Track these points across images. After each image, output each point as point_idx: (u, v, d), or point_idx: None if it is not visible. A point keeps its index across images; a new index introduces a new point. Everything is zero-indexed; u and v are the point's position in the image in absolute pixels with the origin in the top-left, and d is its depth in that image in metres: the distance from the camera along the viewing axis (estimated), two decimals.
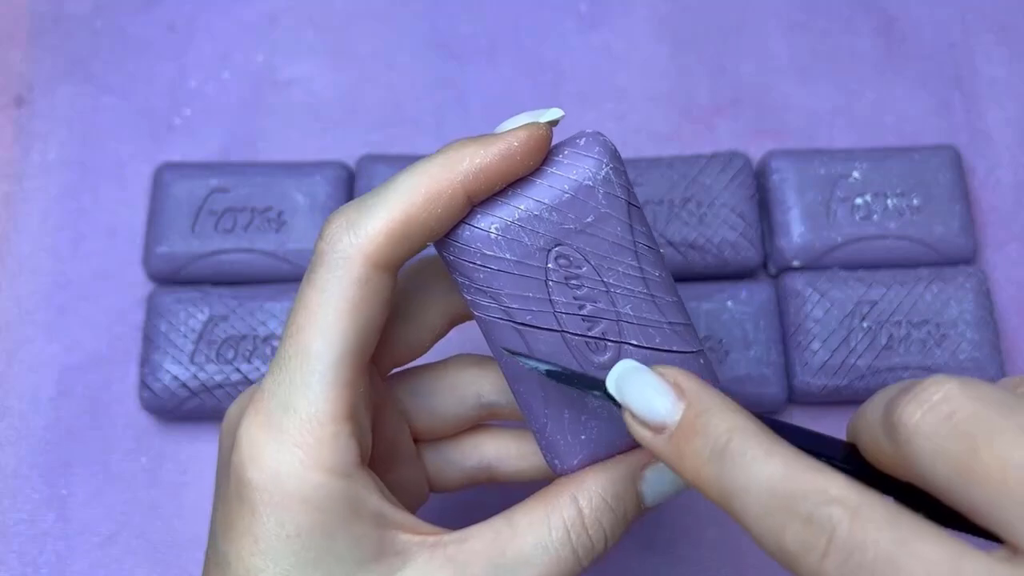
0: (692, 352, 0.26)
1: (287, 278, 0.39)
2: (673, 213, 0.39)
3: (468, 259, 0.25)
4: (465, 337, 0.32)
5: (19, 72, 0.44)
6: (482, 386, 0.29)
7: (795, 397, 0.38)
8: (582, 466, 0.27)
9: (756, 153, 0.42)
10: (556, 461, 0.27)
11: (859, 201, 0.39)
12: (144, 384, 0.38)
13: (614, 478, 0.26)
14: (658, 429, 0.23)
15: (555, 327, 0.26)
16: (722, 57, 0.44)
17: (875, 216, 0.39)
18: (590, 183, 0.25)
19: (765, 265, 0.40)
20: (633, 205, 0.26)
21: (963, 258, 0.39)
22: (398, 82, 0.44)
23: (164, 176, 0.40)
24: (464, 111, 0.43)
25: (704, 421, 0.22)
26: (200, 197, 0.40)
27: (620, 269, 0.26)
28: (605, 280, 0.25)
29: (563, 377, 0.25)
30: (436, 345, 0.30)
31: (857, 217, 0.39)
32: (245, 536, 0.24)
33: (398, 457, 0.29)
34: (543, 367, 0.25)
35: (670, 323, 0.26)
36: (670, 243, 0.39)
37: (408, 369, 0.30)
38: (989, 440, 0.19)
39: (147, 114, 0.43)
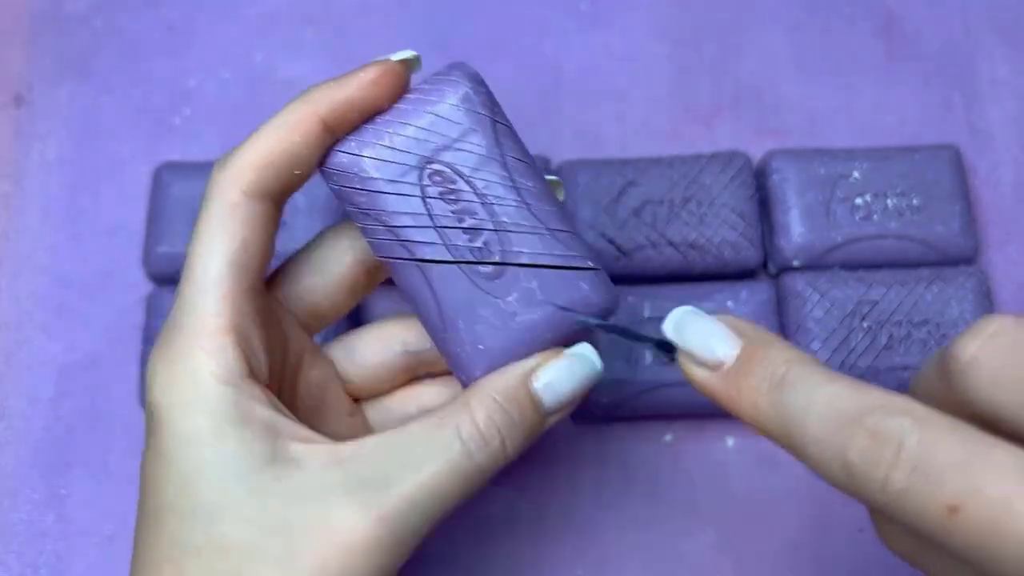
0: (577, 255, 0.27)
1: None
2: (673, 213, 0.39)
3: (347, 184, 0.27)
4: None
5: (19, 72, 0.44)
6: (406, 336, 0.31)
7: None
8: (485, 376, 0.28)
9: (756, 153, 0.42)
10: (462, 376, 0.28)
11: (859, 201, 0.39)
12: (144, 384, 0.38)
13: (506, 379, 0.27)
14: (715, 367, 0.24)
15: (437, 240, 0.27)
16: (722, 57, 0.44)
17: (875, 216, 0.39)
18: (452, 102, 0.27)
19: (765, 265, 0.40)
20: (499, 122, 0.28)
21: (963, 258, 0.39)
22: None
23: (164, 176, 0.40)
24: None
25: (763, 355, 0.23)
26: (200, 197, 0.40)
27: (491, 179, 0.27)
28: (479, 192, 0.27)
29: (614, 330, 0.27)
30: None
31: (857, 217, 0.39)
32: (151, 454, 0.26)
33: (330, 410, 0.31)
34: (594, 321, 0.27)
35: (549, 229, 0.27)
36: (670, 243, 0.39)
37: (342, 331, 0.33)
38: None
39: (147, 114, 0.43)
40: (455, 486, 0.25)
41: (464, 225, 0.27)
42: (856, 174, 0.40)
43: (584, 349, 0.28)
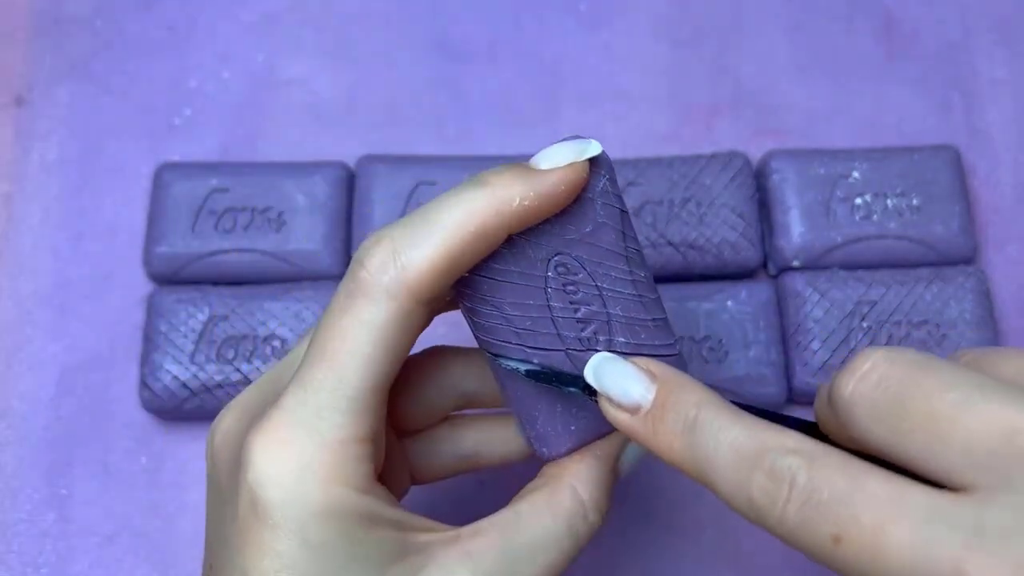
0: (670, 343, 0.28)
1: (287, 278, 0.39)
2: (673, 213, 0.39)
3: (476, 272, 0.26)
4: (441, 332, 0.32)
5: (19, 72, 0.44)
6: (462, 377, 0.30)
7: (795, 397, 0.38)
8: (569, 453, 0.28)
9: (756, 153, 0.42)
10: (544, 449, 0.28)
11: (859, 201, 0.39)
12: (144, 384, 0.38)
13: (603, 463, 0.28)
14: (633, 410, 0.25)
15: (551, 331, 0.27)
16: (722, 57, 0.44)
17: (875, 216, 0.39)
18: (590, 195, 0.26)
19: (765, 265, 0.40)
20: (624, 212, 0.27)
21: (963, 258, 0.39)
22: (398, 82, 0.44)
23: (164, 176, 0.40)
24: (464, 111, 0.43)
25: (675, 399, 0.24)
26: (200, 197, 0.40)
27: (613, 274, 0.27)
28: (599, 284, 0.27)
29: (542, 376, 0.26)
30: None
31: (857, 217, 0.39)
32: (267, 552, 0.24)
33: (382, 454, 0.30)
34: (523, 367, 0.26)
35: (653, 319, 0.27)
36: (670, 243, 0.39)
37: None
38: (914, 396, 0.21)
39: (147, 114, 0.43)
40: (565, 567, 0.27)
41: (578, 316, 0.27)
42: (856, 174, 0.40)
43: None
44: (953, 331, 0.37)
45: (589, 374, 0.26)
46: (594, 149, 0.26)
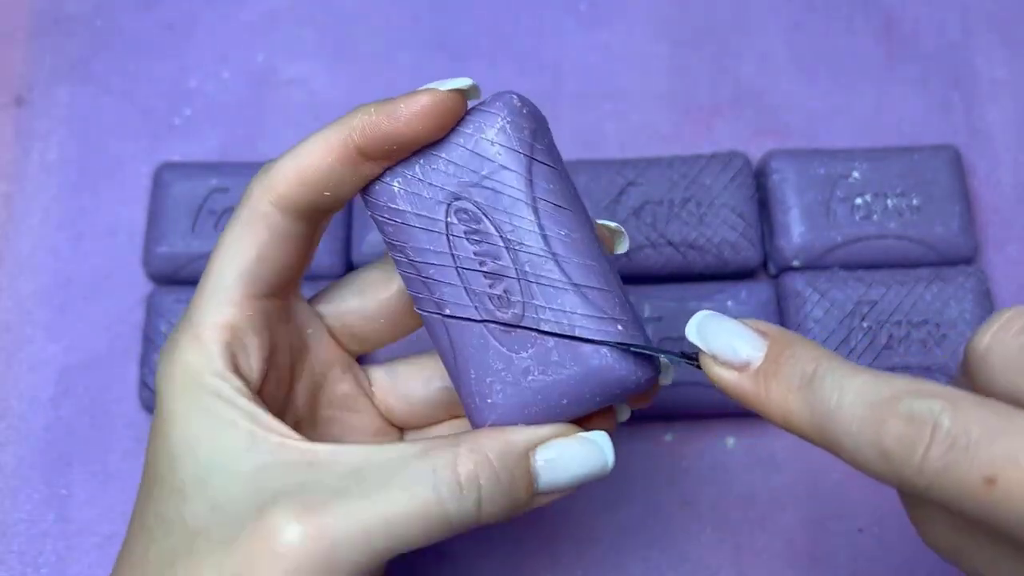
0: (602, 317, 0.25)
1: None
2: (673, 213, 0.39)
3: (380, 213, 0.27)
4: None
5: (19, 72, 0.44)
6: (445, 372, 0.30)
7: None
8: (491, 426, 0.26)
9: (756, 153, 0.42)
10: (470, 422, 0.27)
11: (859, 201, 0.39)
12: (144, 384, 0.38)
13: (508, 441, 0.25)
14: (741, 368, 0.24)
15: (456, 282, 0.26)
16: (722, 57, 0.44)
17: (875, 216, 0.39)
18: (485, 137, 0.26)
19: (765, 265, 0.40)
20: (538, 161, 0.25)
21: (963, 258, 0.39)
22: (398, 82, 0.44)
23: (164, 176, 0.40)
24: None
25: (789, 353, 0.23)
26: (200, 197, 0.40)
27: (518, 224, 0.25)
28: (504, 235, 0.25)
29: (640, 349, 0.25)
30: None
31: (857, 217, 0.39)
32: (152, 432, 0.27)
33: (353, 428, 0.31)
34: (613, 343, 0.25)
35: (575, 284, 0.25)
36: (670, 243, 0.39)
37: (392, 357, 0.32)
38: None
39: (147, 114, 0.43)
40: (414, 527, 0.24)
41: (485, 269, 0.25)
42: (856, 174, 0.40)
43: (599, 438, 0.26)
44: (953, 331, 0.37)
45: (692, 332, 0.24)
46: (460, 82, 0.26)
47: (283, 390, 0.29)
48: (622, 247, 0.29)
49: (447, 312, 0.26)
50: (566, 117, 0.43)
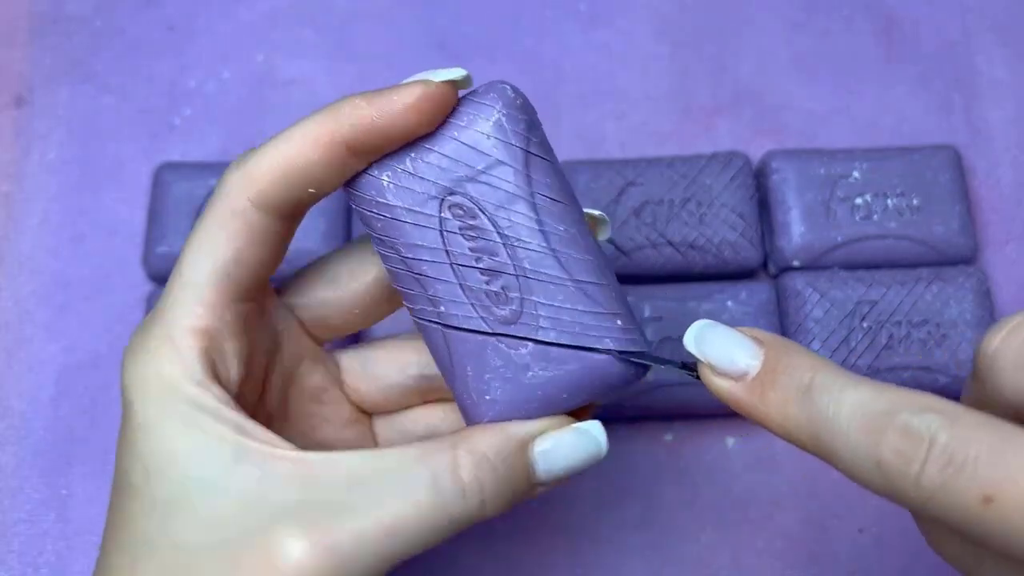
0: (602, 312, 0.25)
1: (286, 278, 0.39)
2: (673, 213, 0.39)
3: (367, 208, 0.25)
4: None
5: (19, 72, 0.44)
6: (423, 357, 0.30)
7: None
8: (487, 423, 0.26)
9: (756, 153, 0.42)
10: (465, 419, 0.26)
11: (859, 201, 0.39)
12: None
13: (505, 436, 0.25)
14: (739, 377, 0.23)
15: (452, 279, 0.25)
16: (722, 57, 0.44)
17: (875, 216, 0.39)
18: (482, 129, 0.25)
19: (765, 265, 0.40)
20: (534, 155, 0.25)
21: (963, 258, 0.39)
22: (398, 82, 0.44)
23: (164, 176, 0.40)
24: None
25: (786, 362, 0.23)
26: (200, 197, 0.40)
27: (516, 220, 0.25)
28: (501, 231, 0.25)
29: (641, 358, 0.25)
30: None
31: (857, 217, 0.39)
32: (121, 442, 0.25)
33: (328, 418, 0.30)
34: (616, 351, 0.25)
35: (576, 281, 0.25)
36: (670, 243, 0.39)
37: (361, 342, 0.32)
38: None
39: (147, 114, 0.43)
40: (420, 531, 0.24)
41: (481, 265, 0.25)
42: (856, 174, 0.40)
43: (593, 427, 0.26)
44: (953, 331, 0.37)
45: (690, 341, 0.24)
46: (451, 73, 0.25)
47: (257, 391, 0.28)
48: (604, 234, 0.28)
49: (441, 309, 0.25)
50: (566, 117, 0.43)
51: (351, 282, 0.29)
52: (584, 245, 0.25)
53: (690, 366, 0.25)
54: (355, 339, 0.38)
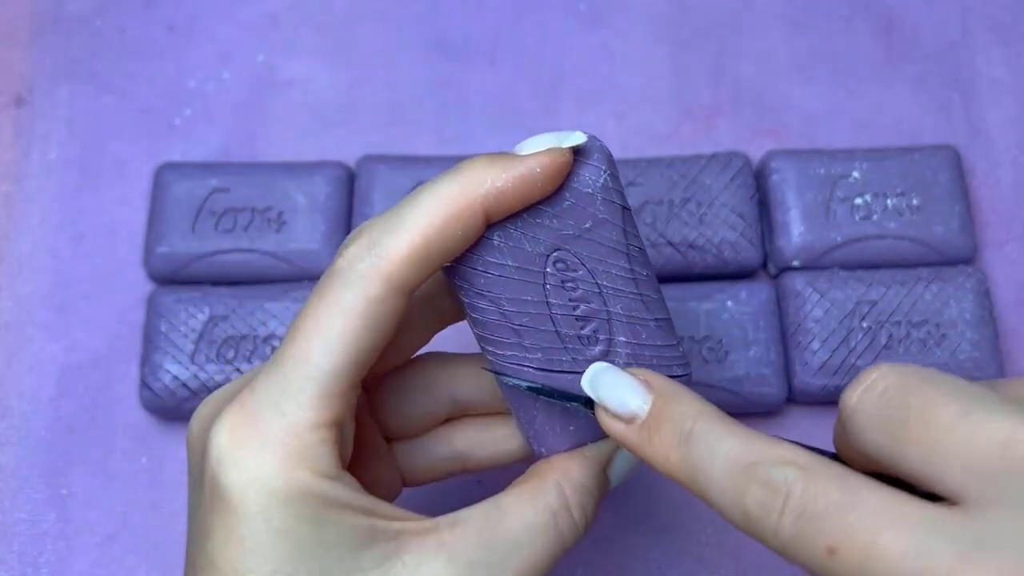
0: (673, 344, 0.28)
1: (287, 278, 0.39)
2: (673, 213, 0.39)
3: (470, 265, 0.26)
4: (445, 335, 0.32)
5: (19, 72, 0.44)
6: (455, 384, 0.30)
7: (795, 397, 0.38)
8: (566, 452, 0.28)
9: (756, 153, 0.42)
10: (543, 449, 0.28)
11: (859, 201, 0.39)
12: (144, 384, 0.38)
13: (593, 464, 0.28)
14: (629, 420, 0.25)
15: (550, 328, 0.26)
16: (722, 57, 0.44)
17: (875, 216, 0.39)
18: (589, 190, 0.26)
19: (765, 265, 0.40)
20: (626, 208, 0.27)
21: (963, 258, 0.39)
22: (398, 82, 0.44)
23: (164, 176, 0.40)
24: (464, 111, 0.43)
25: (671, 410, 0.25)
26: (200, 197, 0.40)
27: (614, 272, 0.27)
28: (599, 282, 0.27)
29: (542, 391, 0.27)
30: None
31: (857, 217, 0.39)
32: (231, 537, 0.23)
33: (368, 455, 0.29)
34: (524, 384, 0.26)
35: (655, 319, 0.27)
36: (670, 243, 0.39)
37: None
38: (914, 406, 0.21)
39: (147, 114, 0.43)
40: (548, 566, 0.26)
41: (577, 313, 0.27)
42: (855, 174, 0.40)
43: None
44: (953, 331, 0.37)
45: (586, 384, 0.26)
46: (577, 138, 0.25)
47: None
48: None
49: (538, 355, 0.27)
50: (566, 117, 0.43)
51: (412, 333, 0.29)
52: (656, 284, 0.27)
53: (591, 402, 0.27)
54: None
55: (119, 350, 0.40)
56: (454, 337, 0.32)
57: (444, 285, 0.29)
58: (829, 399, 0.38)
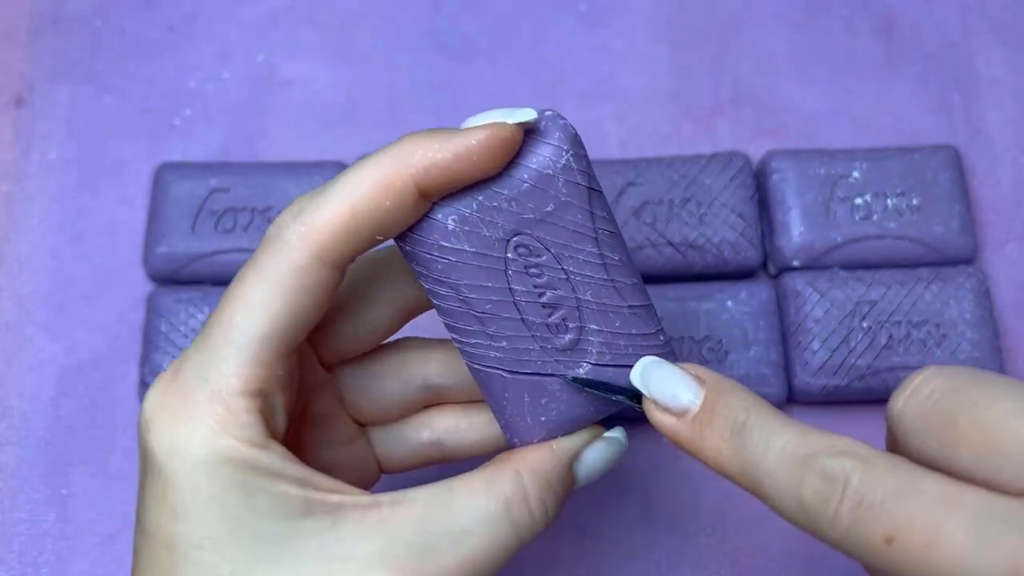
0: (651, 333, 0.27)
1: None
2: (673, 213, 0.39)
3: (425, 251, 0.25)
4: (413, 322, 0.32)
5: (19, 72, 0.44)
6: (428, 369, 0.29)
7: (795, 397, 0.38)
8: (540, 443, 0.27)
9: (756, 153, 0.42)
10: (515, 440, 0.27)
11: (859, 201, 0.39)
12: (144, 384, 0.38)
13: (559, 458, 0.27)
14: (680, 414, 0.25)
15: (515, 315, 0.26)
16: (722, 57, 0.44)
17: (875, 216, 0.39)
18: (550, 171, 0.25)
19: (765, 265, 0.40)
20: (594, 190, 0.25)
21: (963, 258, 0.39)
22: (398, 82, 0.44)
23: (164, 176, 0.40)
24: (464, 111, 0.43)
25: (724, 403, 0.24)
26: (200, 197, 0.40)
27: (580, 256, 0.25)
28: (565, 268, 0.25)
29: (588, 384, 0.26)
30: None
31: (857, 217, 0.39)
32: (163, 504, 0.23)
33: (333, 438, 0.29)
34: (569, 376, 0.26)
35: (630, 306, 0.26)
36: (670, 243, 0.39)
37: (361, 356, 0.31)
38: (964, 407, 0.21)
39: (147, 114, 0.43)
40: (498, 560, 0.25)
41: (543, 300, 0.26)
42: (856, 174, 0.40)
43: (620, 434, 0.28)
44: (953, 331, 0.37)
45: (636, 378, 0.26)
46: (526, 114, 0.24)
47: (294, 433, 0.27)
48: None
49: (503, 344, 0.26)
50: (568, 115, 0.43)
51: (377, 317, 0.29)
52: (631, 269, 0.26)
53: (637, 397, 0.26)
54: None
55: (119, 350, 0.40)
56: (438, 325, 0.31)
57: (410, 271, 0.28)
58: (829, 399, 0.38)
